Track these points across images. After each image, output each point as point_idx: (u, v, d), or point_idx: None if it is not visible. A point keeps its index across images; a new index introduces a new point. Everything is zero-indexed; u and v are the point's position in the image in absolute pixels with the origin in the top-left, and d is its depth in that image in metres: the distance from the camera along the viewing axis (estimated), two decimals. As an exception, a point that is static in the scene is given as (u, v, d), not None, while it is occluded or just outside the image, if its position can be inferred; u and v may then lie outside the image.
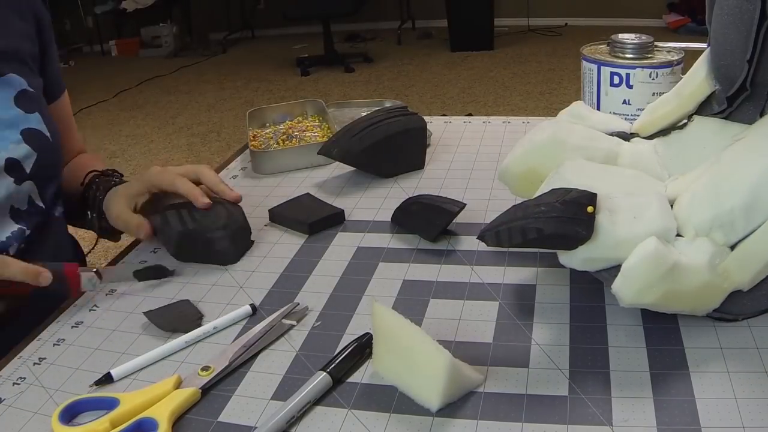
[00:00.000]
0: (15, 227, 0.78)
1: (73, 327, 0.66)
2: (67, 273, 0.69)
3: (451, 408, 0.52)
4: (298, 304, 0.66)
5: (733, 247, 0.56)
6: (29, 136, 0.79)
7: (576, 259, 0.56)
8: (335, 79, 4.53)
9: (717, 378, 0.51)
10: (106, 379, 0.58)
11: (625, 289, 0.54)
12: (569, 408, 0.50)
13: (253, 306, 0.66)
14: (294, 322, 0.63)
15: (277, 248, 0.78)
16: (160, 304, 0.68)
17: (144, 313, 0.66)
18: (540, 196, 0.59)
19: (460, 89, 4.06)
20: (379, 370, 0.56)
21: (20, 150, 0.78)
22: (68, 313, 0.69)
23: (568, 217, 0.54)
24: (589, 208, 0.55)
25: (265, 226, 0.83)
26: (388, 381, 0.55)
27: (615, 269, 0.55)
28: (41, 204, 0.82)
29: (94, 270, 0.70)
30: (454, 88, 4.09)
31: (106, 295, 0.71)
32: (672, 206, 0.60)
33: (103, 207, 0.83)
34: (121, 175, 0.91)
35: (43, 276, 0.66)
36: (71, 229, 0.93)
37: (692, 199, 0.58)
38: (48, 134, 0.82)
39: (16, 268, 0.65)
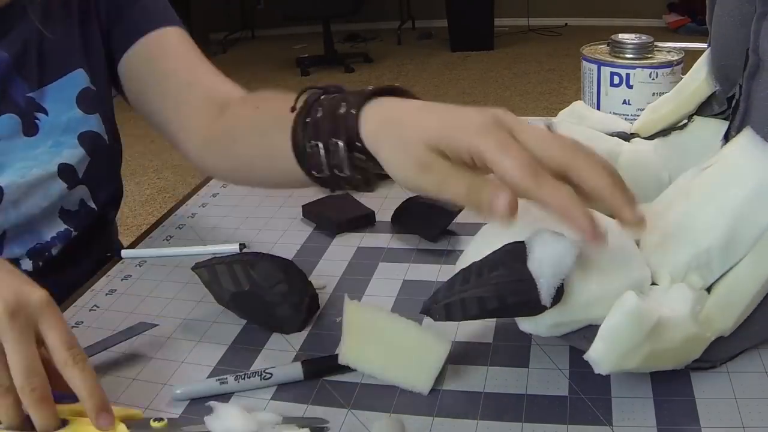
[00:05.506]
0: (62, 227, 0.77)
1: (73, 327, 0.66)
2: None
3: (451, 408, 0.52)
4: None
5: (708, 290, 0.51)
6: (85, 139, 0.77)
7: (542, 325, 0.50)
8: (335, 79, 4.52)
9: (717, 378, 0.51)
10: None
11: (606, 355, 0.47)
12: (569, 408, 0.50)
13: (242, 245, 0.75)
14: None
15: (277, 248, 0.77)
16: (160, 304, 0.68)
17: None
18: (491, 255, 0.50)
19: (460, 89, 4.06)
20: (350, 363, 0.56)
21: (75, 155, 0.76)
22: (68, 313, 0.69)
23: (532, 278, 0.47)
24: None
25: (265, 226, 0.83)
26: (364, 371, 0.55)
27: (586, 330, 0.50)
28: (93, 206, 0.80)
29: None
30: (454, 88, 4.08)
31: (106, 295, 0.71)
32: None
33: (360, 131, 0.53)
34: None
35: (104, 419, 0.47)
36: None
37: (664, 241, 0.53)
38: (105, 137, 0.79)
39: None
